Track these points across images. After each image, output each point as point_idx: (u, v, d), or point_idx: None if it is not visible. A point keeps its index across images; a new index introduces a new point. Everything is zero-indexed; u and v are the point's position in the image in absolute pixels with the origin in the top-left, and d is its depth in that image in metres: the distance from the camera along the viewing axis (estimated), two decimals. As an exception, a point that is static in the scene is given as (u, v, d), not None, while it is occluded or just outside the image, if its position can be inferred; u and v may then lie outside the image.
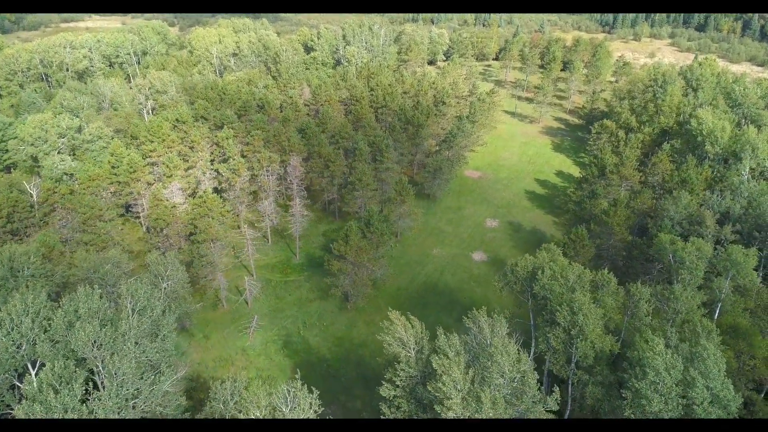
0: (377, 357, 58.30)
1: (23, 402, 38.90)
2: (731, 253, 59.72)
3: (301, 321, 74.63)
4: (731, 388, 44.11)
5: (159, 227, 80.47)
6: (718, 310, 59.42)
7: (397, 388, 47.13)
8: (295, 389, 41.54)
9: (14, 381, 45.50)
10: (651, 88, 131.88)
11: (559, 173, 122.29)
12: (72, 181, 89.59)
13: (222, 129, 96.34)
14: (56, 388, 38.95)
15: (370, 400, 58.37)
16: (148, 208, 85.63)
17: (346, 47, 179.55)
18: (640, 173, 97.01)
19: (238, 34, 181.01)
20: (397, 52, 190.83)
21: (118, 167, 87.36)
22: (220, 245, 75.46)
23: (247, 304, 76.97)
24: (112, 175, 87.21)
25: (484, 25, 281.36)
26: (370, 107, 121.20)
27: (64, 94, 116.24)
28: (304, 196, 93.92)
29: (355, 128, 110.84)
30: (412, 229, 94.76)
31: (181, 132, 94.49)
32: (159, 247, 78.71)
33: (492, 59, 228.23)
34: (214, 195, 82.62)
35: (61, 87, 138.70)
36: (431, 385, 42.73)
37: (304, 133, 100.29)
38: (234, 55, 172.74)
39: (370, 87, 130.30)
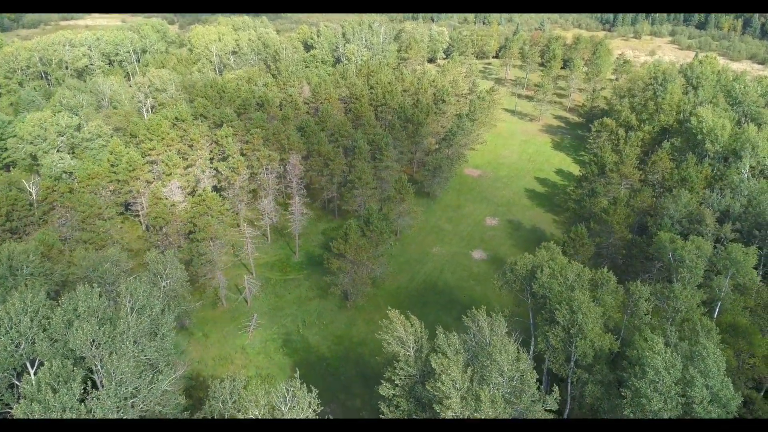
0: (376, 356, 58.24)
1: (21, 401, 38.84)
2: (731, 252, 59.76)
3: (301, 319, 74.63)
4: (731, 387, 44.09)
5: (158, 226, 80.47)
6: (717, 309, 59.38)
7: (396, 387, 47.10)
8: (294, 388, 41.49)
9: (13, 380, 45.49)
10: (651, 86, 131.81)
11: (559, 171, 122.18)
12: (71, 180, 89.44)
13: (221, 127, 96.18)
14: (55, 388, 38.90)
15: (370, 399, 58.40)
16: (148, 206, 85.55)
17: (345, 45, 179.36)
18: (640, 171, 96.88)
19: (237, 32, 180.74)
20: (397, 50, 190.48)
21: (118, 165, 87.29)
22: (220, 244, 75.41)
23: (247, 303, 76.97)
24: (112, 173, 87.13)
25: (484, 23, 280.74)
26: (370, 105, 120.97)
27: (64, 92, 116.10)
28: (304, 195, 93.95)
29: (354, 126, 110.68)
30: (412, 228, 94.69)
31: (181, 130, 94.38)
32: (158, 245, 78.69)
33: (492, 57, 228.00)
34: (214, 193, 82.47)
35: (61, 85, 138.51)
36: (430, 385, 42.67)
37: (304, 132, 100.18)
38: (233, 53, 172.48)
39: (369, 85, 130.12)
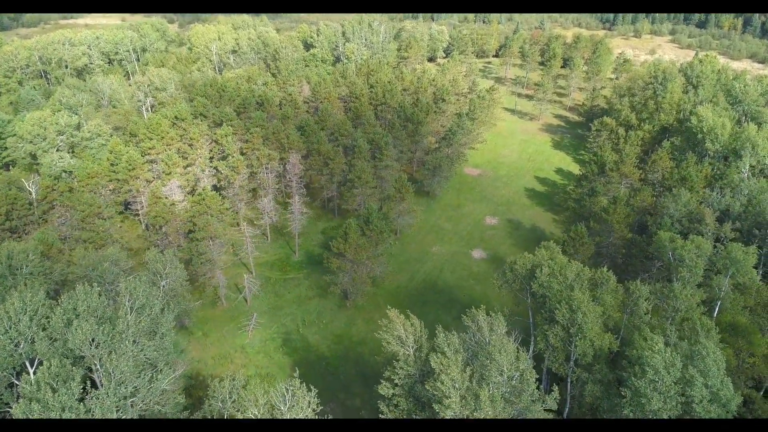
0: (376, 355, 58.23)
1: (20, 401, 38.80)
2: (731, 251, 59.69)
3: (300, 319, 74.62)
4: (730, 387, 44.02)
5: (158, 225, 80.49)
6: (717, 308, 59.34)
7: (395, 386, 47.11)
8: (294, 387, 41.45)
9: (12, 379, 45.45)
10: (651, 85, 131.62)
11: (559, 171, 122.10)
12: (71, 179, 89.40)
13: (221, 126, 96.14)
14: (54, 387, 38.85)
15: (369, 398, 58.40)
16: (147, 205, 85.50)
17: (345, 44, 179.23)
18: (640, 171, 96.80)
19: (237, 31, 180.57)
20: (397, 49, 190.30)
21: (117, 165, 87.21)
22: (219, 243, 75.35)
23: (246, 302, 76.95)
24: (111, 172, 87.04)
25: (484, 22, 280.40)
26: (370, 104, 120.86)
27: (63, 92, 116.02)
28: (304, 194, 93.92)
29: (354, 125, 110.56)
30: (412, 227, 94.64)
31: (180, 129, 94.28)
32: (158, 244, 78.66)
33: (492, 56, 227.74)
34: (213, 192, 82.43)
35: (60, 84, 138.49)
36: (430, 384, 42.65)
37: (304, 131, 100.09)
38: (233, 52, 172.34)
39: (369, 84, 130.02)
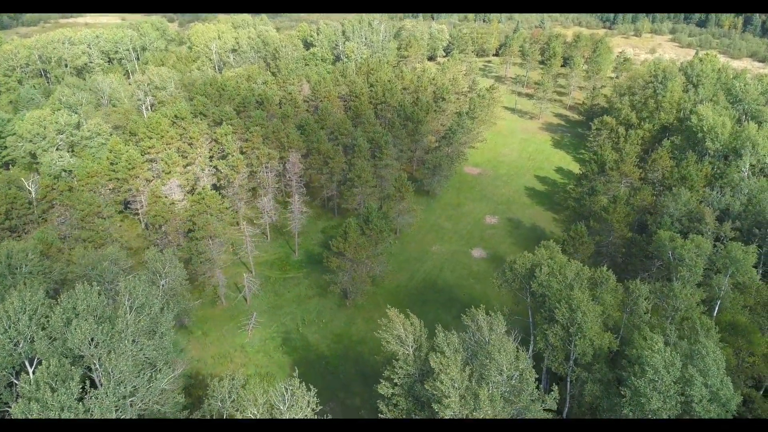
0: (376, 354, 58.22)
1: (20, 400, 38.76)
2: (731, 250, 59.62)
3: (300, 318, 74.59)
4: (730, 386, 43.96)
5: (157, 224, 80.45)
6: (717, 308, 59.31)
7: (395, 386, 47.07)
8: (293, 387, 41.41)
9: (11, 379, 45.43)
10: (651, 84, 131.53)
11: (559, 170, 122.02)
12: (70, 178, 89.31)
13: (221, 125, 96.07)
14: (53, 387, 38.81)
15: (369, 398, 58.38)
16: (147, 204, 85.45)
17: (345, 43, 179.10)
18: (640, 170, 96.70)
19: (237, 30, 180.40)
20: (397, 48, 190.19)
21: (117, 164, 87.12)
22: (219, 242, 75.32)
23: (246, 301, 76.94)
24: (111, 171, 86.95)
25: (484, 21, 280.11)
26: (370, 103, 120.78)
27: (63, 90, 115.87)
28: (303, 193, 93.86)
29: (354, 124, 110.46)
30: (412, 226, 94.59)
31: (180, 128, 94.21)
32: (157, 243, 78.67)
33: (492, 55, 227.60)
34: (213, 192, 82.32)
35: (60, 83, 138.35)
36: (429, 384, 42.59)
37: (303, 130, 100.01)
38: (233, 51, 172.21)
39: (369, 83, 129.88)
